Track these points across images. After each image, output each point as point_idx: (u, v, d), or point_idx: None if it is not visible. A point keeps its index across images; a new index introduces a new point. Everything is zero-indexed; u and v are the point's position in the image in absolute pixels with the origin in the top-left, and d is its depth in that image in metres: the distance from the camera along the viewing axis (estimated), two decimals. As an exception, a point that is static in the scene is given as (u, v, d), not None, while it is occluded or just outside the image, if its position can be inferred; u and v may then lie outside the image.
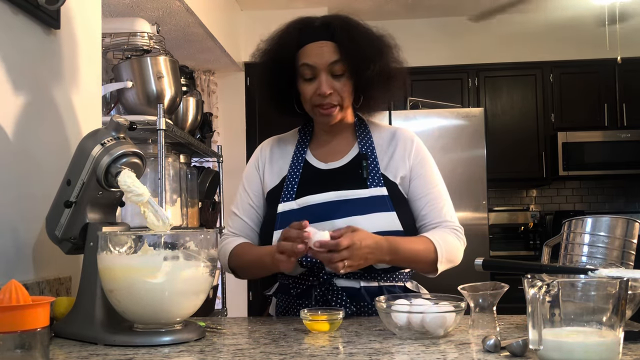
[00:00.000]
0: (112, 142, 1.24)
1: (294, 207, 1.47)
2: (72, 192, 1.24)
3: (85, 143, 1.25)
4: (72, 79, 1.60)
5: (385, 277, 1.47)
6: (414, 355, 1.00)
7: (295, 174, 1.53)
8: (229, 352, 1.04)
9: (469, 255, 1.51)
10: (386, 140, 1.58)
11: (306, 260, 1.41)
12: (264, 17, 4.45)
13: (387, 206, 1.46)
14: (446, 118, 4.01)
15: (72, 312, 1.23)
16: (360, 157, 1.52)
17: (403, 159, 1.54)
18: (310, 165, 1.56)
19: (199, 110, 2.97)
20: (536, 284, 0.89)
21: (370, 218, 1.43)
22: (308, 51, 1.47)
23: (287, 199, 1.49)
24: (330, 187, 1.48)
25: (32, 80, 1.40)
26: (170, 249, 1.12)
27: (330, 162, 1.56)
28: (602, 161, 4.52)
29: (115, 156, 1.22)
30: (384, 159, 1.54)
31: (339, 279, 1.44)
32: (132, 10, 3.21)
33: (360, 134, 1.58)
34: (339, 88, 1.47)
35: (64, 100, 1.55)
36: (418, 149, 1.57)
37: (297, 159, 1.56)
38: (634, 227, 1.26)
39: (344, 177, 1.51)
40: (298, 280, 1.47)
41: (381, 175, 1.51)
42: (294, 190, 1.50)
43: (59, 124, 1.52)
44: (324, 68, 1.45)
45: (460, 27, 4.79)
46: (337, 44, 1.46)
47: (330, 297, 1.41)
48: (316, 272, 1.43)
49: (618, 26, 4.13)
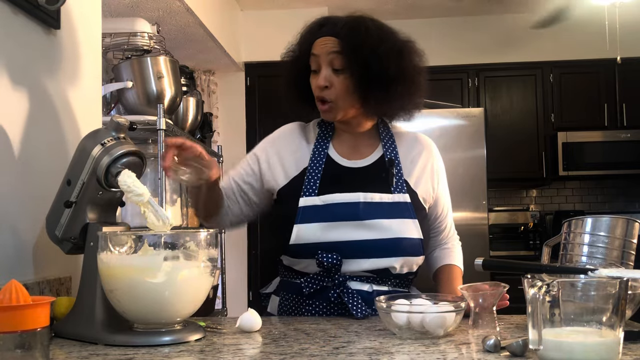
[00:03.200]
0: (112, 142, 1.24)
1: (317, 203, 1.45)
2: (72, 192, 1.24)
3: (86, 143, 1.25)
4: (72, 79, 1.60)
5: (395, 284, 1.49)
6: (414, 355, 1.00)
7: (318, 168, 1.51)
8: (229, 352, 1.04)
9: (469, 255, 1.52)
10: (408, 145, 1.59)
11: (327, 261, 1.40)
12: (264, 17, 4.45)
13: (410, 213, 1.47)
14: (446, 118, 4.01)
15: (72, 312, 1.23)
16: (386, 161, 1.52)
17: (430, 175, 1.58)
18: (332, 161, 1.53)
19: (199, 110, 2.97)
20: (536, 284, 0.89)
21: (395, 223, 1.44)
22: (316, 43, 1.49)
23: (309, 193, 1.47)
24: (354, 186, 1.47)
25: (32, 80, 1.40)
26: (170, 249, 1.12)
27: (353, 159, 1.54)
28: (602, 161, 4.52)
29: (115, 156, 1.22)
30: (406, 164, 1.55)
31: (352, 282, 1.44)
32: (132, 10, 3.21)
33: (384, 136, 1.58)
34: (337, 84, 1.46)
35: (64, 100, 1.55)
36: (440, 165, 1.63)
37: (319, 152, 1.53)
38: (634, 227, 1.27)
39: (368, 177, 1.51)
40: (311, 280, 1.45)
41: (404, 182, 1.52)
42: (317, 185, 1.48)
43: (59, 124, 1.52)
44: (324, 59, 1.46)
45: (460, 27, 4.79)
46: (339, 38, 1.47)
47: (347, 299, 1.40)
48: (333, 273, 1.43)
49: (618, 26, 4.12)
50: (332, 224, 1.43)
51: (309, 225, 1.43)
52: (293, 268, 1.50)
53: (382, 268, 1.44)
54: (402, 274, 1.47)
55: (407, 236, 1.45)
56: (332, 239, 1.42)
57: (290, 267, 1.51)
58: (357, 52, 1.45)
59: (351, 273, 1.44)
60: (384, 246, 1.43)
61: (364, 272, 1.45)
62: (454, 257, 1.62)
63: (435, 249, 1.64)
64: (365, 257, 1.43)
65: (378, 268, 1.44)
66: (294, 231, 1.44)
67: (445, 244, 1.64)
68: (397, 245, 1.44)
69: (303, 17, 1.67)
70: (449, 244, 1.64)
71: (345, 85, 1.46)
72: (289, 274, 1.53)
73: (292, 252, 1.46)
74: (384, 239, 1.43)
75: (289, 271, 1.52)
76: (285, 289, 1.53)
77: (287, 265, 1.52)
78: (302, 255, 1.45)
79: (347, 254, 1.42)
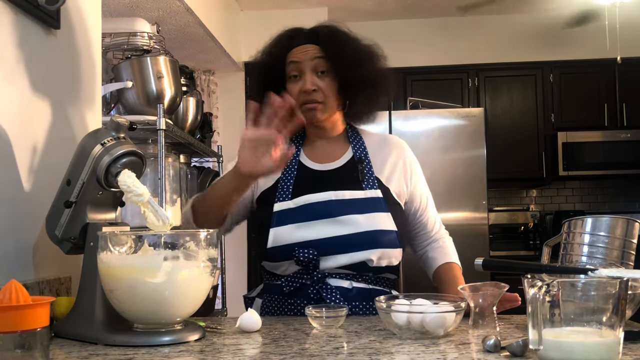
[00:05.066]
0: (112, 142, 1.23)
1: (290, 206, 1.49)
2: (72, 192, 1.24)
3: (86, 143, 1.25)
4: (72, 79, 1.60)
5: (375, 280, 1.51)
6: (414, 355, 1.00)
7: (290, 174, 1.55)
8: (229, 352, 1.04)
9: (469, 255, 1.52)
10: (377, 145, 1.63)
11: (303, 256, 1.43)
12: (264, 17, 4.45)
13: (382, 207, 1.51)
14: (446, 118, 4.01)
15: (72, 312, 1.23)
16: (356, 161, 1.57)
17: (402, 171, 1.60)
18: (304, 166, 1.58)
19: (199, 110, 2.97)
20: (536, 284, 0.89)
21: (369, 217, 1.47)
22: (295, 52, 1.55)
23: (282, 198, 1.51)
24: (326, 187, 1.51)
25: (32, 80, 1.40)
26: (170, 249, 1.12)
27: (324, 163, 1.58)
28: (602, 161, 4.52)
29: (115, 156, 1.22)
30: (377, 162, 1.59)
31: (332, 279, 1.46)
32: (132, 10, 3.21)
33: (352, 139, 1.63)
34: (323, 86, 1.52)
35: (64, 100, 1.55)
36: (413, 160, 1.65)
37: (290, 160, 1.57)
38: (634, 227, 1.27)
39: (340, 178, 1.54)
40: (290, 279, 1.48)
41: (375, 179, 1.55)
42: (290, 190, 1.52)
43: (59, 123, 1.52)
44: (308, 65, 1.52)
45: (460, 27, 4.79)
46: (321, 45, 1.53)
47: (326, 294, 1.43)
48: (311, 270, 1.45)
49: (618, 26, 4.13)
50: (306, 224, 1.46)
51: (284, 227, 1.47)
52: (275, 272, 1.52)
53: (359, 262, 1.46)
54: (381, 267, 1.49)
55: (380, 228, 1.47)
56: (307, 238, 1.45)
57: (272, 272, 1.53)
58: (340, 56, 1.52)
59: (330, 270, 1.46)
60: (359, 240, 1.46)
61: (342, 267, 1.47)
62: (449, 254, 1.63)
63: (427, 248, 1.65)
64: (342, 252, 1.45)
65: (355, 262, 1.46)
66: (270, 235, 1.47)
67: (435, 241, 1.65)
68: (371, 237, 1.46)
69: (303, 17, 1.69)
70: (439, 241, 1.65)
71: (332, 87, 1.53)
72: (270, 278, 1.55)
73: (270, 256, 1.49)
74: (358, 232, 1.46)
75: (271, 275, 1.54)
76: (267, 291, 1.55)
77: (269, 270, 1.54)
78: (280, 257, 1.47)
79: (324, 251, 1.45)
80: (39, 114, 1.43)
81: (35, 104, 1.41)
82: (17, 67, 1.34)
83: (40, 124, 1.43)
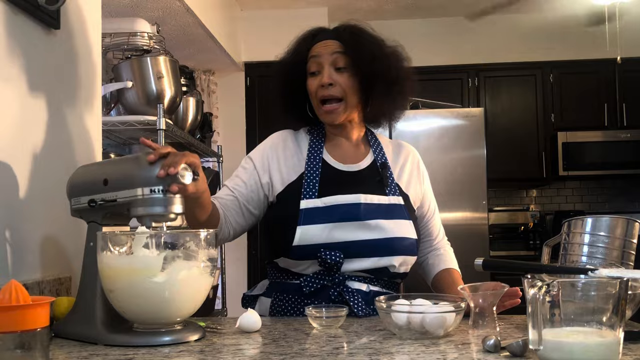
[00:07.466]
0: (157, 195, 1.16)
1: (318, 205, 1.47)
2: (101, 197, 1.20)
3: (140, 172, 1.17)
4: (72, 79, 1.60)
5: (388, 284, 1.52)
6: (414, 355, 1.00)
7: (315, 172, 1.53)
8: (229, 352, 1.04)
9: (469, 255, 1.52)
10: (394, 151, 1.66)
11: (330, 258, 1.42)
12: (264, 17, 4.45)
13: (404, 214, 1.51)
14: (446, 118, 4.01)
15: (72, 312, 1.23)
16: (379, 165, 1.57)
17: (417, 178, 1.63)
18: (328, 165, 1.56)
19: (199, 110, 2.97)
20: (536, 284, 0.89)
21: (394, 223, 1.48)
22: (316, 47, 1.56)
23: (309, 196, 1.49)
24: (353, 189, 1.50)
25: (32, 80, 1.40)
26: (170, 249, 1.12)
27: (348, 164, 1.58)
28: (602, 161, 4.51)
29: (151, 214, 1.17)
30: (396, 169, 1.61)
31: (351, 281, 1.46)
32: (132, 10, 3.21)
33: (372, 144, 1.63)
34: (342, 81, 1.52)
35: (64, 100, 1.55)
36: (424, 170, 1.68)
37: (313, 157, 1.56)
38: (634, 227, 1.27)
39: (365, 181, 1.54)
40: (311, 279, 1.46)
41: (396, 185, 1.57)
42: (316, 188, 1.50)
43: (59, 123, 1.52)
44: (327, 59, 1.52)
45: (460, 27, 4.79)
46: (340, 41, 1.54)
47: (348, 297, 1.43)
48: (334, 272, 1.44)
49: (618, 26, 4.13)
50: (335, 225, 1.45)
51: (313, 227, 1.44)
52: (290, 270, 1.50)
53: (382, 267, 1.47)
54: (399, 273, 1.50)
55: (405, 236, 1.48)
56: (336, 239, 1.44)
57: (286, 269, 1.51)
58: (360, 51, 1.52)
59: (350, 272, 1.46)
60: (384, 245, 1.46)
61: (362, 271, 1.46)
62: (450, 261, 1.63)
63: (428, 255, 1.65)
64: (367, 257, 1.45)
65: (378, 267, 1.46)
66: (298, 233, 1.44)
67: (437, 249, 1.65)
68: (397, 244, 1.47)
69: (303, 17, 1.69)
70: (441, 249, 1.66)
71: (350, 82, 1.52)
72: (284, 276, 1.52)
73: (294, 254, 1.46)
74: (384, 238, 1.46)
75: (284, 273, 1.52)
76: (278, 290, 1.52)
77: (283, 267, 1.51)
78: (304, 256, 1.45)
79: (350, 254, 1.44)
80: (39, 114, 1.43)
81: (35, 104, 1.41)
82: (17, 67, 1.34)
83: (39, 124, 1.43)
